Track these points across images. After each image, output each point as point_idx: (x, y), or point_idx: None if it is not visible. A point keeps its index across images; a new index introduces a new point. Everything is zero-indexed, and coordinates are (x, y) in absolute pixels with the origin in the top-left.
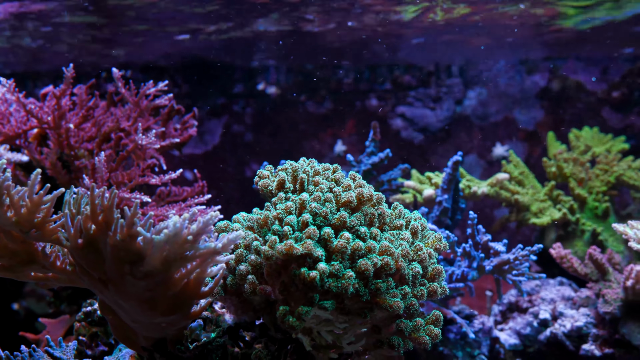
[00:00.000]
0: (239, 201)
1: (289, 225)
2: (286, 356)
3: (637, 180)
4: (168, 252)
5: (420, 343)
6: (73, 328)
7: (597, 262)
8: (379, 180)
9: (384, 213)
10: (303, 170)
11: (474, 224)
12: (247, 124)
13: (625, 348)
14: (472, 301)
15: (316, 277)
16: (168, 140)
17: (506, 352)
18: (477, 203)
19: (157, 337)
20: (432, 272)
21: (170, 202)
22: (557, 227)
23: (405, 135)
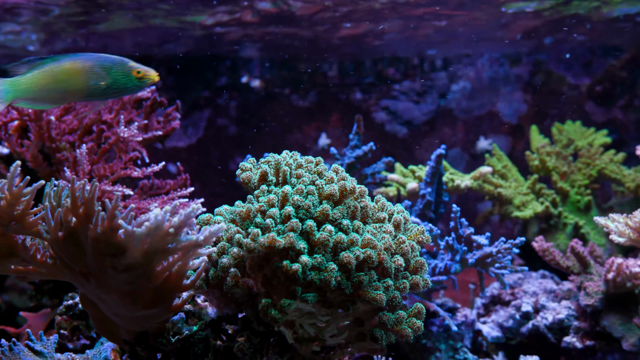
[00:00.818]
0: (223, 194)
1: (271, 218)
2: (268, 349)
3: (618, 173)
4: (149, 245)
5: (403, 336)
6: (54, 322)
7: (579, 255)
8: (362, 174)
9: (367, 206)
10: (286, 163)
11: (457, 217)
12: (231, 117)
13: (606, 340)
14: (455, 294)
15: (298, 269)
16: (151, 133)
17: (489, 345)
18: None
19: (139, 330)
20: (414, 265)
21: (152, 195)
22: (540, 220)
23: (389, 128)
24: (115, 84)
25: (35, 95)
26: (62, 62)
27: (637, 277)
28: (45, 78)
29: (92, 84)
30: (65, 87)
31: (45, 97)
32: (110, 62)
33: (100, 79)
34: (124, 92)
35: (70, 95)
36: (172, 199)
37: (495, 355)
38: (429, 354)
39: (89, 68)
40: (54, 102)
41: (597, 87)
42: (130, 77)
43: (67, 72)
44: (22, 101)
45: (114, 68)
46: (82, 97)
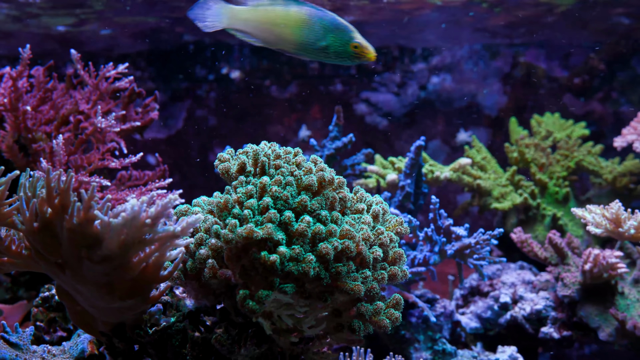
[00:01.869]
0: (203, 186)
1: (249, 209)
2: (246, 340)
3: (596, 165)
4: (126, 236)
5: (381, 326)
6: (31, 314)
7: (556, 246)
8: (342, 165)
9: (345, 197)
10: (264, 154)
11: (436, 208)
12: (211, 109)
13: (583, 330)
14: (435, 286)
15: (276, 260)
16: (129, 124)
17: (467, 336)
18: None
19: (116, 322)
20: (393, 256)
21: (131, 187)
22: (519, 211)
23: (369, 120)
24: (329, 48)
25: (251, 29)
26: (288, 7)
27: (613, 268)
28: (265, 17)
29: (305, 40)
30: (280, 33)
31: (260, 35)
32: (334, 25)
33: (316, 38)
34: (335, 60)
35: (283, 42)
36: (151, 190)
37: (474, 345)
38: (408, 345)
39: (310, 22)
40: (266, 42)
41: (576, 79)
42: (346, 48)
43: (287, 18)
44: (237, 31)
45: (334, 32)
46: (293, 48)
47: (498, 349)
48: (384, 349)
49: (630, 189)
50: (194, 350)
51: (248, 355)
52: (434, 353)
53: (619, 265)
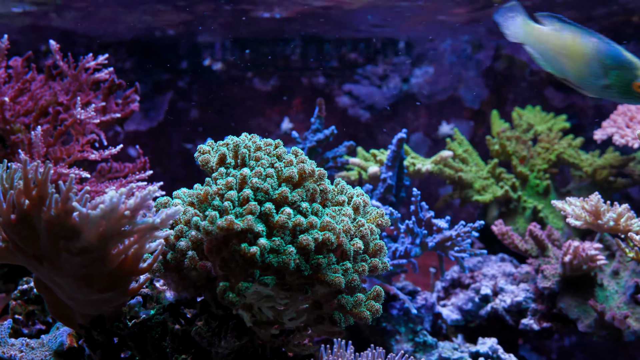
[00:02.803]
0: (185, 178)
1: (229, 201)
2: (227, 333)
3: (576, 158)
4: (105, 228)
5: (362, 318)
6: (9, 307)
7: (537, 238)
8: (324, 157)
9: (326, 189)
10: (244, 146)
11: (417, 200)
12: (193, 101)
13: (562, 322)
14: (417, 278)
15: (256, 252)
16: (109, 115)
17: (448, 328)
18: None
19: (95, 314)
20: (373, 248)
21: (111, 179)
22: (500, 204)
23: (352, 113)
24: (611, 87)
25: (540, 52)
26: (575, 36)
27: (593, 260)
28: (551, 42)
29: (587, 76)
30: (564, 64)
31: (548, 59)
32: (618, 62)
33: (597, 75)
34: (619, 98)
35: (566, 73)
36: (131, 182)
37: (455, 337)
38: (389, 337)
39: (592, 57)
40: (555, 69)
41: None
42: (629, 88)
43: (571, 50)
44: (529, 48)
45: (617, 70)
46: (575, 81)
47: (479, 340)
48: (365, 341)
49: (610, 181)
50: (174, 342)
51: (228, 347)
52: (415, 345)
53: (598, 257)
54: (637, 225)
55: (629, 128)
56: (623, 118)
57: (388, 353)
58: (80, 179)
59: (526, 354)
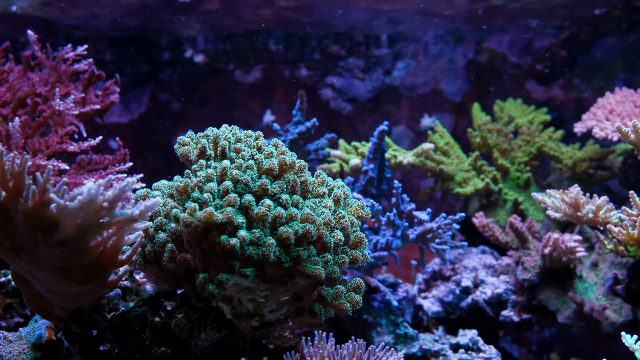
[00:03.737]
0: (166, 171)
1: (209, 193)
2: (206, 325)
3: (557, 151)
4: (83, 220)
5: (342, 310)
6: None
7: (517, 230)
8: (305, 150)
9: (307, 181)
10: (224, 137)
11: (399, 192)
12: (174, 93)
13: (542, 313)
14: (399, 270)
15: (236, 244)
16: (88, 107)
17: (429, 320)
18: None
19: (74, 307)
20: (354, 240)
21: (90, 171)
22: (481, 196)
23: (334, 105)
24: None
25: None
26: None
27: (572, 252)
28: None
29: None
30: None
31: None
32: None
33: None
34: None
35: None
36: (111, 174)
37: (436, 329)
38: (370, 329)
39: None
40: None
41: (538, 65)
42: None
43: None
44: None
45: None
46: None
47: (459, 332)
48: (346, 333)
49: (590, 174)
50: (153, 335)
51: (208, 339)
52: (395, 337)
53: (578, 249)
54: (616, 217)
55: (608, 121)
56: (603, 111)
57: (369, 345)
58: (59, 170)
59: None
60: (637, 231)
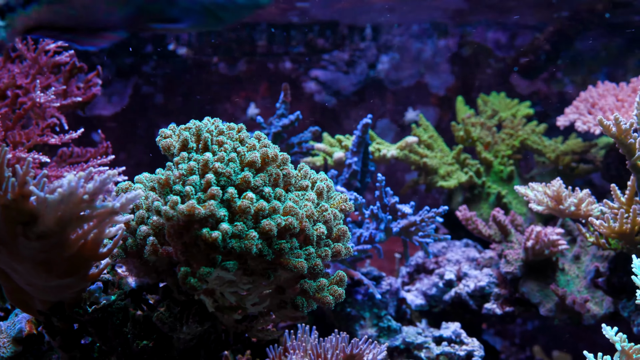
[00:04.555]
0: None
1: (191, 186)
2: (188, 318)
3: (540, 144)
4: (63, 212)
5: (324, 303)
6: None
7: (500, 223)
8: (289, 143)
9: (289, 174)
10: (207, 130)
11: (382, 186)
12: (158, 86)
13: (524, 306)
14: (382, 264)
15: (218, 237)
16: (70, 99)
17: (412, 313)
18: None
19: (55, 300)
20: (337, 233)
21: (72, 163)
22: (464, 189)
23: (318, 99)
24: None
25: None
26: None
27: (554, 245)
28: None
29: None
30: None
31: None
32: None
33: None
34: None
35: None
36: (93, 167)
37: (419, 322)
38: (354, 322)
39: None
40: None
41: (522, 59)
42: None
43: None
44: None
45: None
46: None
47: (442, 325)
48: (330, 327)
49: (573, 167)
50: (135, 328)
51: (190, 332)
52: (379, 330)
53: (560, 242)
54: (598, 210)
55: (590, 114)
56: (585, 105)
57: (352, 338)
58: (40, 163)
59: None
60: (618, 224)
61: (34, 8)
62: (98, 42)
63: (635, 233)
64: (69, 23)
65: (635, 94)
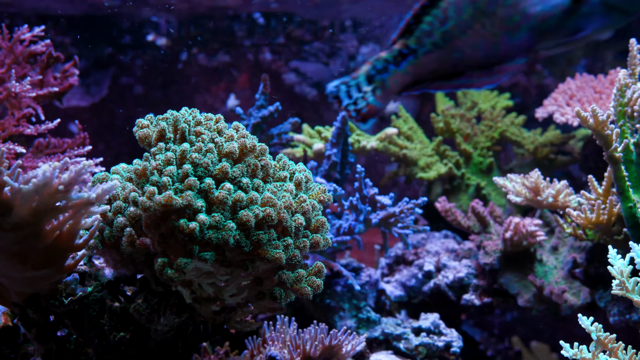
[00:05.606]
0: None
1: (168, 176)
2: (166, 309)
3: (519, 136)
4: (38, 203)
5: (302, 294)
6: None
7: (479, 215)
8: (268, 134)
9: (268, 164)
10: (184, 120)
11: (361, 177)
12: (137, 76)
13: (502, 297)
14: (362, 255)
15: (195, 228)
16: (46, 89)
17: (392, 304)
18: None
19: (30, 292)
20: (315, 224)
21: (49, 154)
22: (444, 181)
23: (298, 90)
24: None
25: None
26: None
27: (532, 236)
28: None
29: None
30: None
31: None
32: None
33: None
34: None
35: None
36: (69, 157)
37: (398, 313)
38: (333, 314)
39: None
40: None
41: None
42: None
43: None
44: None
45: None
46: None
47: (421, 316)
48: (309, 318)
49: (551, 159)
50: (112, 320)
51: (167, 324)
52: (358, 321)
53: (538, 233)
54: (575, 201)
55: (569, 106)
56: (563, 97)
57: (331, 329)
58: (16, 154)
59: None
60: (595, 215)
61: (410, 63)
62: (497, 79)
63: (611, 224)
64: (456, 68)
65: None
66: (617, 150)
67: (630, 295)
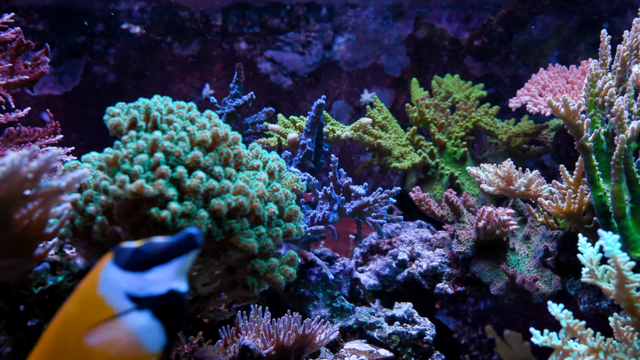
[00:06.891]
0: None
1: (140, 165)
2: None
3: (492, 126)
4: (5, 192)
5: (275, 283)
6: None
7: (452, 204)
8: (243, 123)
9: (241, 153)
10: (156, 108)
11: (335, 166)
12: (110, 65)
13: (475, 285)
14: (337, 245)
15: (167, 217)
16: (17, 77)
17: (366, 293)
18: (344, 149)
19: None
20: (288, 213)
21: (19, 143)
22: (418, 171)
23: (274, 79)
24: None
25: None
26: None
27: (505, 225)
28: None
29: None
30: None
31: None
32: None
33: None
34: None
35: None
36: (40, 146)
37: (372, 302)
38: (307, 303)
39: None
40: None
41: (476, 41)
42: None
43: None
44: None
45: None
46: None
47: (395, 305)
48: (284, 308)
49: (524, 148)
50: None
51: None
52: (332, 310)
53: (511, 222)
54: (547, 190)
55: (541, 96)
56: (536, 87)
57: (305, 318)
58: None
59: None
60: (566, 204)
61: None
62: None
63: (582, 213)
64: None
65: (585, 77)
66: (588, 140)
67: (600, 283)
